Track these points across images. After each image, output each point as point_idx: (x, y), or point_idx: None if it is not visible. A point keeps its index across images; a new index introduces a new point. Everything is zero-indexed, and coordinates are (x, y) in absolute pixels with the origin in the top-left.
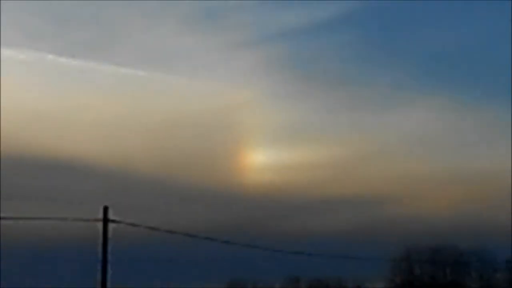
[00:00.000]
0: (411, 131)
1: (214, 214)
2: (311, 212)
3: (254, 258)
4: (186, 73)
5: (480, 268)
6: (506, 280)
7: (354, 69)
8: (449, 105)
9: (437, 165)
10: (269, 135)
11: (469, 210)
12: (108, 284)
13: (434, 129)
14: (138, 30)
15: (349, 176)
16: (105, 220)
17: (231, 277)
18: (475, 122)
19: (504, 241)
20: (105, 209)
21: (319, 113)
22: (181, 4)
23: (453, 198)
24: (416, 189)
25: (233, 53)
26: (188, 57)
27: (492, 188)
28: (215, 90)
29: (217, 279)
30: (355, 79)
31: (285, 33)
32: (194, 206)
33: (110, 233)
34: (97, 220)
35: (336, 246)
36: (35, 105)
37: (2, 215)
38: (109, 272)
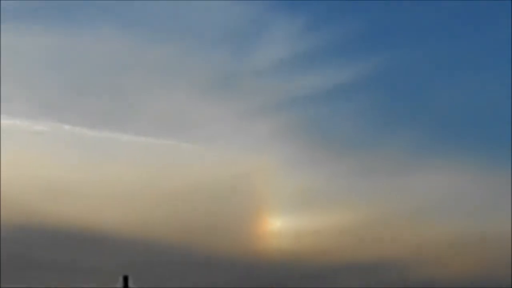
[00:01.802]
0: (428, 194)
1: (232, 280)
2: (330, 278)
3: None
4: (203, 141)
5: None
6: None
7: (369, 133)
8: (465, 168)
9: (457, 228)
10: (286, 201)
11: (492, 274)
12: None
13: (451, 193)
14: (154, 99)
15: (367, 241)
16: None
17: None
18: (493, 185)
19: None
20: (125, 278)
21: (336, 178)
22: (197, 71)
23: (475, 262)
24: (435, 253)
25: (249, 120)
26: (204, 125)
27: None
28: (231, 158)
29: None
30: (370, 143)
31: (300, 98)
32: (213, 273)
33: None
34: None
35: None
36: (52, 176)
37: (24, 286)
38: None
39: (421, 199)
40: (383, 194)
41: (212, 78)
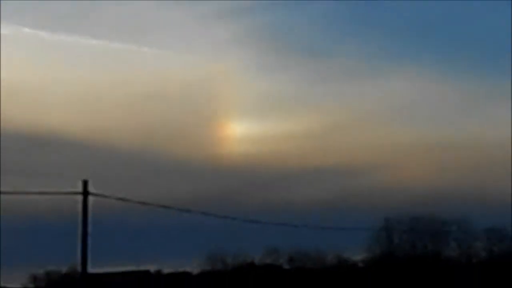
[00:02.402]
0: (387, 100)
1: (193, 185)
2: (290, 183)
3: (233, 229)
4: (163, 45)
5: (459, 237)
6: (485, 249)
7: (330, 39)
8: (425, 74)
9: (414, 134)
10: (247, 106)
11: (449, 179)
12: (89, 255)
13: (410, 98)
14: (114, 3)
15: (328, 146)
16: (85, 193)
17: (211, 249)
18: (452, 91)
19: (485, 210)
20: (85, 183)
21: (296, 84)
22: None
23: (433, 167)
24: (394, 158)
25: (210, 25)
26: (165, 29)
27: (472, 157)
28: (191, 62)
29: (197, 251)
30: (331, 49)
31: (261, 4)
32: (173, 177)
33: (90, 206)
34: (76, 193)
35: (315, 216)
36: (12, 78)
37: None
38: (89, 244)
39: (379, 105)
40: (346, 99)
41: None
